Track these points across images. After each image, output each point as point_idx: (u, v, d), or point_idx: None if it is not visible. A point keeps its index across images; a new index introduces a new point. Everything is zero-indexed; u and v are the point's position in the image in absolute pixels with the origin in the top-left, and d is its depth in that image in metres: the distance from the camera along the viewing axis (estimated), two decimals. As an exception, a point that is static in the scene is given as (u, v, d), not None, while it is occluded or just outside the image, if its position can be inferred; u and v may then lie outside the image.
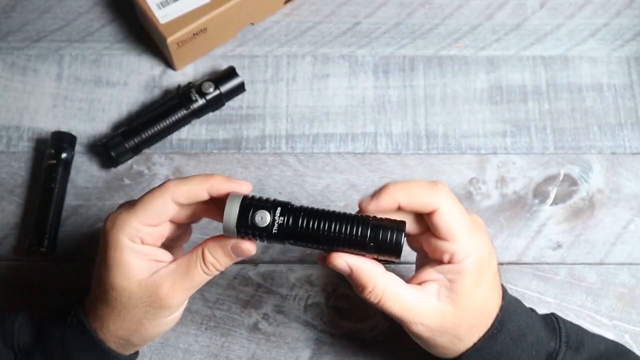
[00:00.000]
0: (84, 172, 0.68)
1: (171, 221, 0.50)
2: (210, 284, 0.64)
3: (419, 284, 0.49)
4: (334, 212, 0.47)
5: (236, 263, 0.65)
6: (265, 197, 0.47)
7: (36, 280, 0.64)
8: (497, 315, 0.50)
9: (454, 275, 0.48)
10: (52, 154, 0.66)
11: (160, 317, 0.49)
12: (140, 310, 0.48)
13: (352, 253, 0.47)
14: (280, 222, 0.46)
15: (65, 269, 0.65)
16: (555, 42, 0.74)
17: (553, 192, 0.68)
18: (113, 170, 0.68)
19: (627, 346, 0.63)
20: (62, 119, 0.70)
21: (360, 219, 0.47)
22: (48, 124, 0.70)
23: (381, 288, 0.47)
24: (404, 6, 0.76)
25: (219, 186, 0.47)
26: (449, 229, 0.47)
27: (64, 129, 0.69)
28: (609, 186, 0.69)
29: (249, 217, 0.46)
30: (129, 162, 0.68)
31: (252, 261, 0.65)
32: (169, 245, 0.54)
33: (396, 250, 0.46)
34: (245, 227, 0.46)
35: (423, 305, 0.48)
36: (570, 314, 0.64)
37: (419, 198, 0.47)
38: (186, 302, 0.52)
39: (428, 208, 0.47)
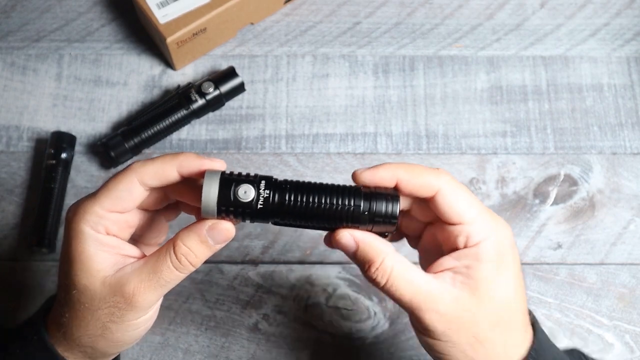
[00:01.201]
0: (84, 172, 0.68)
1: (143, 209, 0.46)
2: (210, 284, 0.64)
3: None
4: (321, 183, 0.44)
5: (236, 263, 0.65)
6: (245, 172, 0.43)
7: (36, 280, 0.64)
8: (533, 343, 0.44)
9: (470, 260, 0.42)
10: (52, 154, 0.66)
11: (127, 319, 0.43)
12: (104, 312, 0.43)
13: (346, 227, 0.43)
14: (265, 195, 0.42)
15: (65, 269, 0.65)
16: (555, 42, 0.74)
17: (553, 192, 0.68)
18: (113, 170, 0.68)
19: (628, 346, 0.63)
20: (62, 118, 0.70)
21: (351, 188, 0.43)
22: (48, 124, 0.70)
23: (389, 264, 0.42)
24: (404, 6, 0.76)
25: (189, 163, 0.43)
26: (455, 208, 0.43)
27: (63, 128, 0.69)
28: (610, 186, 0.69)
29: (232, 192, 0.41)
30: (129, 162, 0.68)
31: (252, 261, 0.65)
32: (144, 244, 0.50)
33: (392, 219, 0.43)
34: (227, 205, 0.41)
35: (436, 288, 0.42)
36: (570, 314, 0.64)
37: (419, 177, 0.43)
38: (159, 304, 0.46)
39: (429, 189, 0.43)
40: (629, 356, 0.63)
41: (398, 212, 0.43)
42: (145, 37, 0.73)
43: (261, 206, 0.42)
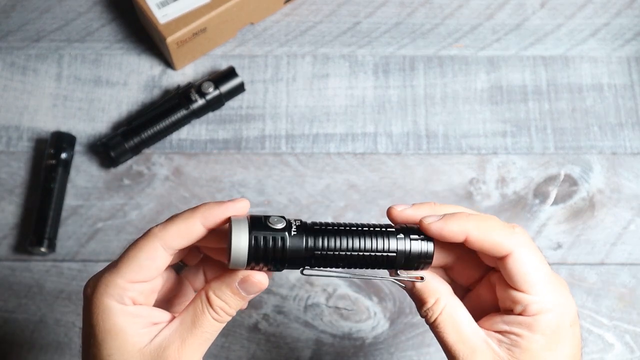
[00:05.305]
0: (84, 172, 0.68)
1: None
2: (210, 284, 0.64)
3: None
4: (352, 224, 0.42)
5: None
6: (269, 216, 0.41)
7: (36, 280, 0.64)
8: None
9: (522, 329, 0.40)
10: (51, 154, 0.66)
11: None
12: None
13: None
14: (294, 233, 0.40)
15: (65, 269, 0.65)
16: (555, 42, 0.74)
17: (553, 192, 0.68)
18: (113, 170, 0.68)
19: (628, 346, 0.63)
20: (62, 118, 0.70)
21: (383, 230, 0.42)
22: (48, 124, 0.70)
23: (441, 305, 0.41)
24: (404, 6, 0.76)
25: (212, 213, 0.40)
26: (525, 277, 0.40)
27: (63, 129, 0.69)
28: (610, 186, 0.69)
29: (262, 242, 0.39)
30: (129, 162, 0.68)
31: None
32: (169, 311, 0.45)
33: (427, 261, 0.42)
34: (257, 256, 0.39)
35: (480, 344, 0.41)
36: (570, 314, 0.64)
37: (491, 235, 0.40)
38: None
39: (500, 250, 0.41)
40: (629, 356, 0.63)
41: (433, 250, 0.42)
42: (145, 37, 0.73)
43: (292, 251, 0.40)
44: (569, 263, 0.66)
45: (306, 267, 0.41)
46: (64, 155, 0.66)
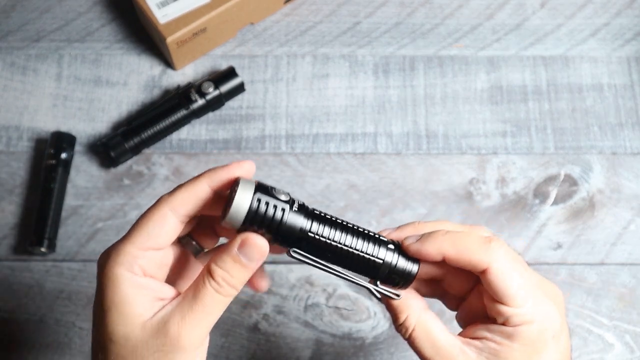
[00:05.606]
0: (84, 172, 0.68)
1: (177, 241, 0.43)
2: (210, 284, 0.64)
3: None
4: (349, 222, 0.43)
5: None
6: (275, 187, 0.41)
7: (36, 280, 0.64)
8: None
9: (503, 338, 0.41)
10: (51, 154, 0.66)
11: None
12: None
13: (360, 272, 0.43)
14: (296, 209, 0.41)
15: (65, 269, 0.65)
16: (555, 42, 0.74)
17: (553, 192, 0.68)
18: (113, 170, 0.68)
19: (628, 346, 0.63)
20: (62, 118, 0.70)
21: (377, 236, 0.43)
22: (48, 124, 0.70)
23: (413, 321, 0.42)
24: (404, 6, 0.76)
25: (218, 173, 0.41)
26: (503, 290, 0.41)
27: (63, 128, 0.69)
28: (610, 186, 0.69)
29: (263, 205, 0.39)
30: (129, 162, 0.68)
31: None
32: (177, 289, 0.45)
33: (409, 280, 0.43)
34: (255, 219, 0.39)
35: (457, 354, 0.42)
36: (570, 314, 0.64)
37: (467, 254, 0.41)
38: (207, 343, 0.41)
39: (477, 266, 0.41)
40: (629, 356, 0.63)
41: (416, 273, 0.43)
42: (145, 37, 0.73)
43: (288, 224, 0.40)
44: (569, 263, 0.66)
45: (294, 249, 0.41)
46: (64, 155, 0.66)
